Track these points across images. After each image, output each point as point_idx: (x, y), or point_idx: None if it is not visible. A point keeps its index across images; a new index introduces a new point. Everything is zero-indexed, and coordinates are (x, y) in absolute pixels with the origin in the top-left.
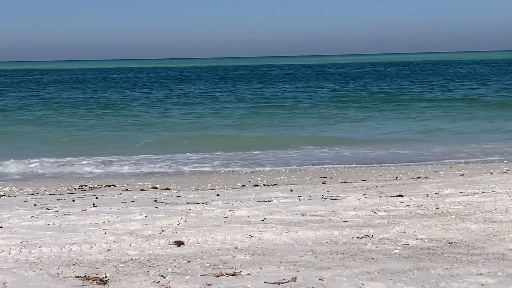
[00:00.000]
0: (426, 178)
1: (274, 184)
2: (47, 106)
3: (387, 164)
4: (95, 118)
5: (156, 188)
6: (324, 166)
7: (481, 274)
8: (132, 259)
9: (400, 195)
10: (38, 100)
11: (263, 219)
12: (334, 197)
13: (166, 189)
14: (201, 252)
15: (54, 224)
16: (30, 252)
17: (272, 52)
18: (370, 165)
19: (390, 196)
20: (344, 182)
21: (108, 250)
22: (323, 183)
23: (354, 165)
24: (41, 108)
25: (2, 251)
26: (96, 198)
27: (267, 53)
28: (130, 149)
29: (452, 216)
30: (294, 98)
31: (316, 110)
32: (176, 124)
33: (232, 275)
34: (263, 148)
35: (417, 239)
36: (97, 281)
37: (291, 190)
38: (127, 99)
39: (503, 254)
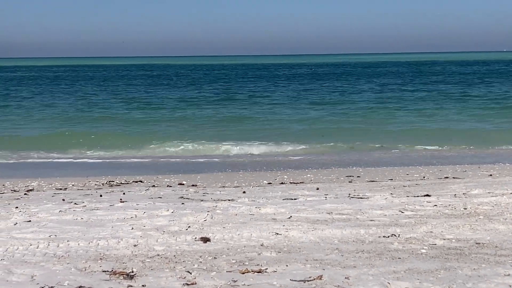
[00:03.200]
0: (454, 178)
1: (300, 182)
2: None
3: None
4: None
5: (183, 184)
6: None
7: (508, 275)
8: (158, 255)
9: (427, 195)
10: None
11: (289, 216)
12: (360, 196)
13: (193, 185)
14: (227, 249)
15: (82, 218)
16: (58, 246)
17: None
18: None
19: (417, 196)
20: (371, 181)
21: (135, 245)
22: (349, 182)
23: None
24: None
25: (31, 245)
26: (124, 193)
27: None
28: None
29: (480, 217)
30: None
31: None
32: None
33: (258, 272)
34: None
35: (444, 239)
36: (124, 275)
37: (318, 189)
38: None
39: None
